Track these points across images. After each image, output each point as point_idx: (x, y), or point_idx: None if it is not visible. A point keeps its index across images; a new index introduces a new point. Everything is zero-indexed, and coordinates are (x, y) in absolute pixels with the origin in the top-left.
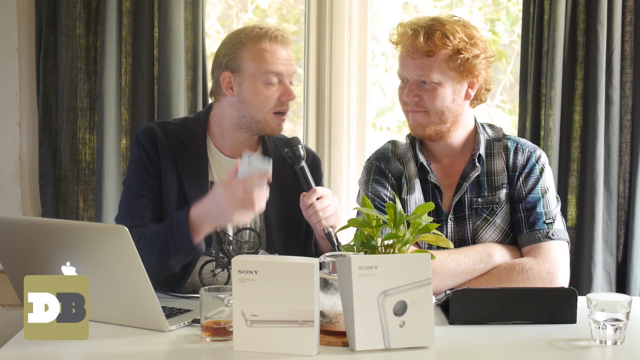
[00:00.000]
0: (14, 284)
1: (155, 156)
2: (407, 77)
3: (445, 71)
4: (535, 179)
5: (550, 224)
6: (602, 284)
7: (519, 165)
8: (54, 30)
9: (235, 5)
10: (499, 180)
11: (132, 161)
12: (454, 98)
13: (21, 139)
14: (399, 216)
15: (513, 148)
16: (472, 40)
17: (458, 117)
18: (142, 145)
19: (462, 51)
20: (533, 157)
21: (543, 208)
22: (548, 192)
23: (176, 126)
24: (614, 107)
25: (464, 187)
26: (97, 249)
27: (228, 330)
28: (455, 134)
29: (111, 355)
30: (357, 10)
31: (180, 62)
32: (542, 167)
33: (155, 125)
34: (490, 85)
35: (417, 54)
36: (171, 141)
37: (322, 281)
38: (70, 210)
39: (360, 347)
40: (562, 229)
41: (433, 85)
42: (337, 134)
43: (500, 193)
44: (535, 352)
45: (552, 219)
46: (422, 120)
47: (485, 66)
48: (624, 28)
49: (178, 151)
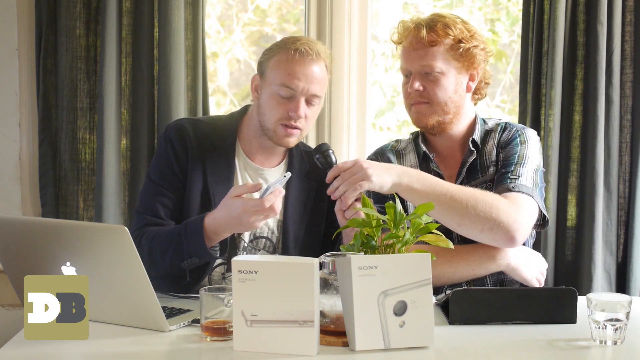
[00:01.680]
0: (14, 284)
1: (184, 155)
2: (410, 69)
3: (448, 60)
4: (512, 148)
5: (514, 179)
6: (602, 284)
7: (502, 141)
8: (54, 30)
9: (235, 5)
10: (489, 159)
11: (158, 156)
12: (456, 89)
13: (21, 139)
14: (399, 216)
15: (502, 128)
16: (471, 33)
17: (459, 108)
18: (170, 143)
19: (464, 41)
20: (518, 132)
21: (512, 169)
22: (526, 159)
23: (208, 125)
24: (614, 107)
25: (462, 174)
26: (97, 249)
27: (228, 330)
28: (456, 126)
29: (111, 355)
30: (357, 10)
31: (180, 62)
32: (525, 140)
33: (187, 122)
34: (489, 79)
35: (420, 45)
36: (201, 141)
37: (322, 281)
38: (70, 210)
39: (360, 347)
40: (527, 185)
41: (436, 76)
42: (337, 134)
43: (490, 170)
44: (535, 352)
45: (517, 176)
46: (425, 111)
47: (484, 58)
48: (624, 28)
49: (206, 152)
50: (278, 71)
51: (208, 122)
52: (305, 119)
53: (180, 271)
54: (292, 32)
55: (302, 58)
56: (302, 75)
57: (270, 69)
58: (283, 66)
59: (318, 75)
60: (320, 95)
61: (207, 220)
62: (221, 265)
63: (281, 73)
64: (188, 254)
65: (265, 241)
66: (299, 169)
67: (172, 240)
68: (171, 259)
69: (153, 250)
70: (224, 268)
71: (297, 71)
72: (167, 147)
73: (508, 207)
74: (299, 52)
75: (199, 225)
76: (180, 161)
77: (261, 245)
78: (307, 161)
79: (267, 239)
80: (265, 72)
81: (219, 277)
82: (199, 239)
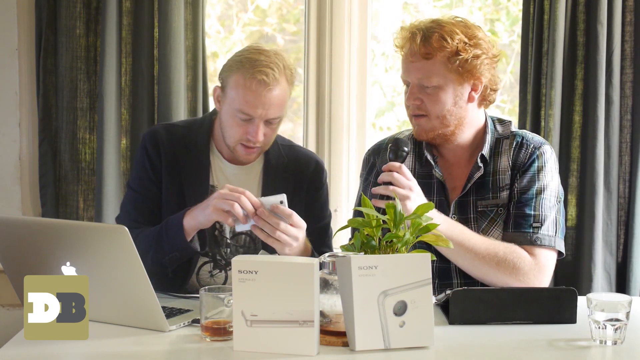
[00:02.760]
0: (14, 284)
1: (157, 160)
2: (408, 80)
3: (444, 74)
4: (531, 177)
5: (537, 228)
6: (602, 284)
7: (519, 163)
8: (54, 30)
9: (235, 5)
10: (503, 180)
11: (135, 164)
12: (456, 101)
13: (21, 139)
14: (399, 216)
15: (518, 144)
16: (473, 40)
17: (462, 119)
18: (145, 150)
19: (461, 52)
20: (535, 153)
21: (534, 210)
22: (545, 191)
23: (182, 128)
24: (614, 107)
25: (468, 188)
26: (97, 249)
27: (228, 330)
28: (461, 136)
29: (111, 355)
30: (357, 10)
31: (180, 62)
32: (542, 164)
33: (161, 127)
34: (496, 85)
35: (415, 57)
36: (175, 143)
37: (322, 281)
38: (70, 210)
39: (360, 347)
40: (550, 235)
41: (434, 89)
42: (337, 134)
43: (503, 194)
44: (535, 352)
45: (540, 222)
46: (425, 125)
47: (488, 66)
48: (624, 28)
49: (180, 154)
50: (236, 95)
51: (182, 125)
52: (266, 137)
53: (164, 269)
54: (292, 32)
55: (259, 87)
56: (259, 103)
57: (229, 87)
58: (241, 92)
59: (276, 100)
60: (279, 116)
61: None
62: (207, 264)
63: (239, 99)
64: (169, 249)
65: (245, 237)
66: (275, 163)
67: (153, 238)
68: (152, 258)
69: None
70: (210, 266)
71: (254, 100)
72: (143, 155)
73: (531, 270)
74: (256, 81)
75: (179, 220)
76: (154, 167)
77: (241, 241)
78: (284, 155)
79: (246, 234)
80: (225, 88)
81: (207, 275)
82: (179, 234)
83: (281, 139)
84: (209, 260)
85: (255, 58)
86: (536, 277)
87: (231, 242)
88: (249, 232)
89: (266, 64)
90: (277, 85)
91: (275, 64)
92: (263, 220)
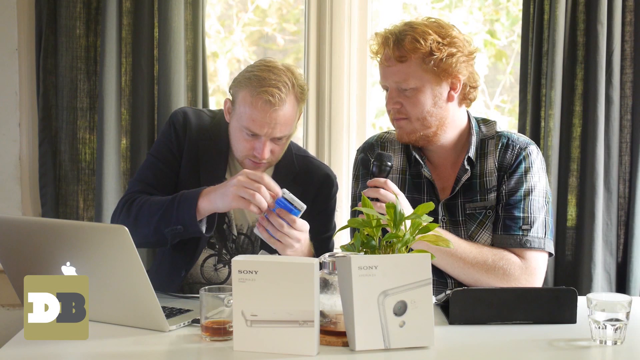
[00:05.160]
0: (14, 284)
1: (183, 139)
2: (386, 85)
3: (421, 75)
4: (518, 179)
5: (527, 230)
6: (602, 284)
7: (505, 165)
8: (54, 30)
9: (235, 5)
10: (490, 182)
11: (160, 135)
12: (435, 102)
13: (21, 139)
14: (399, 216)
15: (504, 145)
16: (447, 39)
17: (443, 120)
18: (173, 125)
19: (435, 52)
20: (522, 154)
21: (522, 212)
22: (533, 192)
23: (208, 116)
24: (614, 107)
25: (454, 191)
26: (97, 249)
27: (228, 330)
28: (443, 137)
29: (111, 355)
30: (357, 10)
31: (180, 62)
32: (529, 165)
33: (190, 110)
34: (476, 82)
35: (390, 61)
36: (200, 129)
37: (322, 281)
38: (70, 210)
39: (360, 347)
40: (539, 237)
41: (412, 92)
42: (337, 134)
43: (490, 196)
44: (535, 352)
45: (529, 224)
46: (405, 127)
47: (465, 64)
48: (624, 28)
49: (202, 140)
50: (244, 112)
51: (209, 113)
52: (273, 153)
53: (163, 240)
54: (292, 32)
55: (265, 106)
56: (265, 122)
57: (238, 103)
58: (248, 110)
59: (282, 119)
60: (286, 134)
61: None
62: (212, 257)
63: (246, 117)
64: (176, 221)
65: (244, 238)
66: (285, 173)
67: (163, 206)
68: (156, 224)
69: (141, 214)
70: (215, 259)
71: (260, 119)
72: (170, 129)
73: (522, 275)
74: (262, 100)
75: (195, 198)
76: (179, 143)
77: (240, 242)
78: (297, 165)
79: (246, 235)
80: (235, 102)
81: (211, 269)
82: (190, 210)
83: (297, 148)
84: (214, 254)
85: (264, 76)
86: (527, 281)
87: (237, 238)
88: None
89: (274, 83)
90: (284, 105)
91: (284, 82)
92: (267, 221)
